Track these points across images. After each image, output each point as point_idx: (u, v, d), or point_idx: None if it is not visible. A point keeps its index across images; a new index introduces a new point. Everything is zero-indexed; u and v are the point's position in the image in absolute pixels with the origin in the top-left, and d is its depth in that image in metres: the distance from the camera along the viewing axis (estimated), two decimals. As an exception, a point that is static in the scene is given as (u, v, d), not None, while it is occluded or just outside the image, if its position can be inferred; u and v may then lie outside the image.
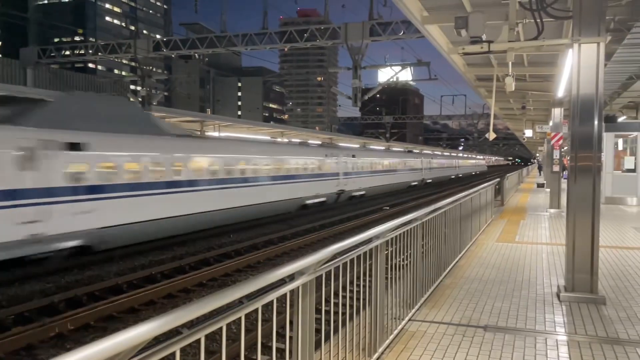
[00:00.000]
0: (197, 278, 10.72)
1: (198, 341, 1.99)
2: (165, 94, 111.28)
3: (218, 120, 26.88)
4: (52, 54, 29.99)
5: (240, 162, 17.96)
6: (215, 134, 28.44)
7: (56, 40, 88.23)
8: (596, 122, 5.66)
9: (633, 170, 17.91)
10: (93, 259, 12.19)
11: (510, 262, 7.78)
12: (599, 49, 5.61)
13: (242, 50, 24.26)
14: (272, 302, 2.56)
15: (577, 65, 5.70)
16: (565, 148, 17.15)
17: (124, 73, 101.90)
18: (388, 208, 25.06)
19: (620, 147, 19.74)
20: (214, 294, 2.04)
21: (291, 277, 2.77)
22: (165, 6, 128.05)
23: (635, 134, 18.08)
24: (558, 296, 5.77)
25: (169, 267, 11.64)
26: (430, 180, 48.70)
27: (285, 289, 2.63)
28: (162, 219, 13.97)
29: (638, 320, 5.01)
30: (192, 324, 2.01)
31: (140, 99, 23.32)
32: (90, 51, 28.49)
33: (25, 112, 11.67)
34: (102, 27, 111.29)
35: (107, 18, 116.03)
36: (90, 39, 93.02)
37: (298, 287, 2.77)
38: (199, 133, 21.98)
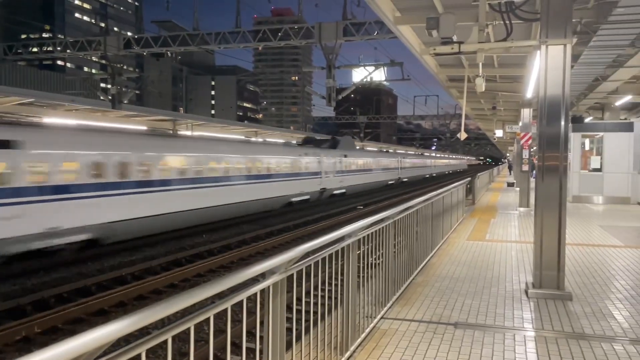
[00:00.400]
0: (168, 279, 10.59)
1: (166, 342, 1.96)
2: (137, 92, 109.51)
3: (191, 120, 26.60)
4: (18, 51, 29.20)
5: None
6: (188, 133, 28.13)
7: (23, 36, 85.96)
8: (563, 123, 5.80)
9: (599, 170, 18.41)
10: (60, 260, 11.92)
11: (481, 260, 7.90)
12: (566, 50, 5.74)
13: (216, 49, 24.04)
14: (242, 302, 2.55)
15: (545, 67, 5.82)
16: (534, 148, 17.53)
17: (94, 71, 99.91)
18: (362, 207, 25.19)
19: (587, 147, 20.27)
20: (182, 293, 2.01)
21: (262, 277, 2.76)
22: (136, 3, 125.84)
23: (601, 134, 18.59)
24: (526, 293, 5.88)
25: (139, 268, 11.46)
26: (435, 174, 62.71)
27: (256, 289, 2.62)
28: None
29: (603, 315, 5.14)
30: (163, 325, 1.98)
31: (110, 97, 22.86)
32: (59, 48, 27.83)
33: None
34: (71, 23, 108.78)
35: (77, 15, 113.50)
36: (59, 35, 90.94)
37: (269, 287, 2.75)
38: (170, 132, 21.71)
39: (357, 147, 40.83)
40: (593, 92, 14.50)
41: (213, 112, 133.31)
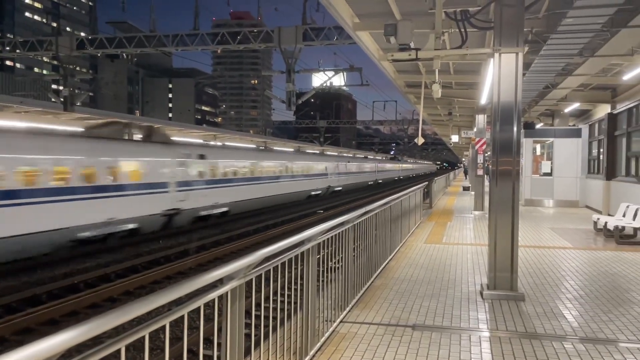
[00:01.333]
0: (123, 286, 10.31)
1: (119, 352, 1.90)
2: (91, 94, 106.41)
3: (147, 123, 26.03)
4: (-36, 50, 27.84)
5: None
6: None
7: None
8: (515, 129, 5.98)
9: (550, 174, 19.10)
10: (10, 268, 11.42)
11: (438, 263, 8.05)
12: (518, 59, 5.94)
13: (173, 51, 23.62)
14: (199, 308, 2.50)
15: (498, 74, 6.00)
16: (489, 153, 18.03)
17: (45, 72, 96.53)
18: (322, 211, 25.25)
19: (538, 152, 21.01)
20: (136, 301, 1.96)
21: (220, 282, 2.72)
22: (90, 3, 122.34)
23: (551, 140, 19.30)
24: (481, 294, 6.03)
25: (93, 275, 11.11)
26: (402, 177, 69.94)
27: (213, 295, 2.57)
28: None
29: (554, 315, 5.32)
30: (117, 334, 1.92)
31: (62, 99, 22.10)
32: (8, 48, 26.70)
33: None
34: (21, 23, 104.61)
35: (27, 14, 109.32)
36: (8, 35, 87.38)
37: (227, 293, 2.71)
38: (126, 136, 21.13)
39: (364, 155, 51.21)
40: (544, 99, 15.04)
41: (170, 115, 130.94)
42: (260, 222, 20.10)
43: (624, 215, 11.09)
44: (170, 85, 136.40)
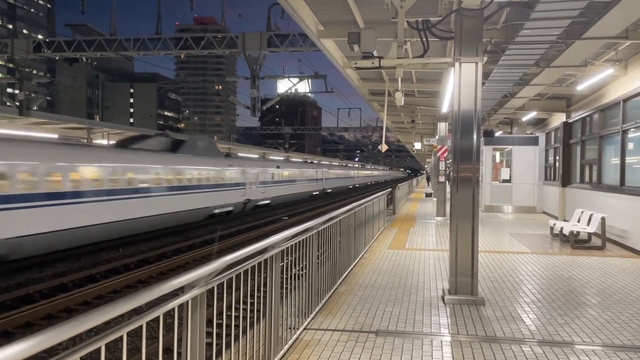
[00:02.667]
0: (81, 296, 10.00)
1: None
2: (48, 98, 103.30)
3: (107, 128, 25.43)
4: None
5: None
6: (104, 142, 26.85)
7: None
8: (475, 136, 6.12)
9: (508, 181, 19.62)
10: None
11: (401, 268, 8.13)
12: (477, 68, 6.09)
13: (134, 55, 23.19)
14: (159, 318, 2.44)
15: (458, 83, 6.14)
16: (450, 160, 18.39)
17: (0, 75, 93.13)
18: (287, 218, 25.18)
19: (497, 160, 21.55)
20: (92, 310, 1.90)
21: (181, 291, 2.67)
22: (48, 5, 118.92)
23: (510, 147, 19.84)
24: (443, 299, 6.12)
25: (48, 285, 10.74)
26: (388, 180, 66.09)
27: (174, 304, 2.52)
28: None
29: (512, 319, 5.45)
30: (74, 344, 1.85)
31: (17, 104, 21.36)
32: (-41, 49, 25.68)
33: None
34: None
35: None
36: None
37: (187, 301, 2.66)
38: (85, 141, 20.63)
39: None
40: (503, 107, 15.47)
41: (132, 120, 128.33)
42: (224, 230, 19.86)
43: (578, 221, 11.48)
44: (131, 90, 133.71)
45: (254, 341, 3.86)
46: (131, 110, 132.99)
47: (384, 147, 13.98)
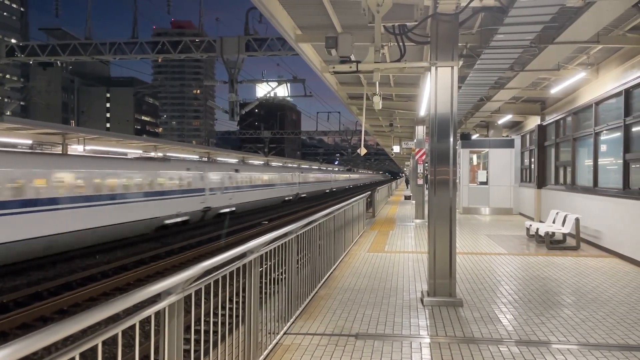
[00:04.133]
0: (57, 304, 9.81)
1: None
2: (22, 103, 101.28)
3: (83, 133, 25.04)
4: None
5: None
6: (80, 147, 26.42)
7: None
8: (452, 139, 6.20)
9: (485, 183, 19.88)
10: None
11: (381, 271, 8.17)
12: (453, 72, 6.17)
13: (111, 60, 22.93)
14: (135, 326, 2.41)
15: (435, 87, 6.21)
16: (428, 163, 18.56)
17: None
18: (267, 222, 25.10)
19: (474, 162, 21.83)
20: (66, 319, 1.87)
21: (158, 298, 2.64)
22: (22, 9, 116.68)
23: (486, 150, 20.12)
24: (422, 301, 6.16)
25: (23, 293, 10.51)
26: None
27: (150, 311, 2.49)
28: None
29: (490, 319, 5.51)
30: (49, 354, 1.82)
31: (-11, 108, 20.92)
32: None
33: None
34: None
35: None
36: None
37: (164, 308, 2.63)
38: (60, 147, 20.26)
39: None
40: (479, 111, 15.67)
41: (108, 125, 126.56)
42: (203, 235, 19.69)
43: (553, 222, 11.69)
44: (108, 95, 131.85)
45: (233, 347, 3.83)
46: (107, 115, 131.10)
47: (363, 151, 14.07)
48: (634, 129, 9.25)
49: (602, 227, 10.39)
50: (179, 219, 21.75)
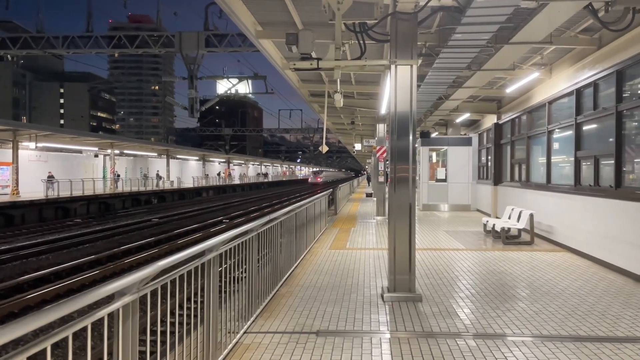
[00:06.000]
0: (6, 308, 9.40)
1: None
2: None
3: (35, 130, 24.16)
4: None
5: None
6: (32, 144, 25.48)
7: None
8: (411, 137, 6.27)
9: (444, 180, 20.27)
10: None
11: (342, 268, 8.20)
12: (412, 70, 6.24)
13: (64, 54, 22.17)
14: (87, 328, 2.33)
15: (394, 85, 6.27)
16: (388, 160, 18.77)
17: None
18: (227, 221, 24.83)
19: (434, 160, 22.22)
20: (11, 323, 1.78)
21: (111, 298, 2.56)
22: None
23: (445, 147, 20.51)
24: (382, 297, 6.22)
25: (-30, 297, 10.04)
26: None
27: (102, 312, 2.41)
28: None
29: (448, 314, 5.61)
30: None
31: None
32: None
33: None
34: None
35: None
36: None
37: (118, 309, 2.56)
38: (10, 144, 19.50)
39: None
40: (438, 109, 15.96)
41: (62, 121, 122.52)
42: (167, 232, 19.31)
43: (509, 218, 12.02)
44: (61, 90, 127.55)
45: (191, 348, 3.77)
46: (62, 111, 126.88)
47: (324, 148, 14.09)
48: (584, 128, 9.61)
49: (555, 223, 10.75)
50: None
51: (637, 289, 6.78)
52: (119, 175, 38.18)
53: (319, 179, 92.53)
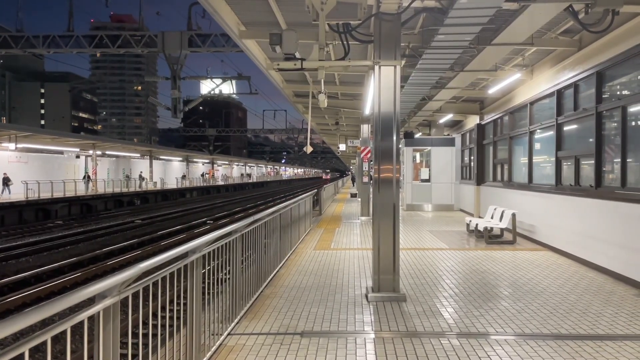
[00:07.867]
0: (-15, 312, 9.23)
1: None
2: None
3: (15, 130, 23.77)
4: None
5: None
6: (12, 145, 25.07)
7: None
8: (395, 138, 6.29)
9: (428, 180, 20.39)
10: None
11: (326, 268, 8.20)
12: (396, 71, 6.26)
13: (45, 53, 21.84)
14: (66, 332, 2.29)
15: (378, 86, 6.28)
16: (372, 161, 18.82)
17: None
18: (211, 222, 24.68)
19: (418, 160, 22.35)
20: (-13, 329, 1.74)
21: (92, 301, 2.52)
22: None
23: (429, 148, 20.63)
24: (367, 297, 6.23)
25: (-53, 301, 9.82)
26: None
27: (82, 316, 2.36)
28: None
29: (432, 313, 5.64)
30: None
31: None
32: None
33: None
34: None
35: None
36: None
37: (99, 312, 2.52)
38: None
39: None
40: (421, 110, 16.04)
41: (43, 122, 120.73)
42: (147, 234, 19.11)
43: (492, 217, 12.13)
44: (42, 90, 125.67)
45: (174, 350, 3.73)
46: (42, 111, 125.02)
47: (309, 149, 14.11)
48: (565, 128, 9.74)
49: (537, 222, 10.88)
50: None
51: (617, 287, 6.89)
52: (89, 177, 36.33)
53: (324, 176, 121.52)
